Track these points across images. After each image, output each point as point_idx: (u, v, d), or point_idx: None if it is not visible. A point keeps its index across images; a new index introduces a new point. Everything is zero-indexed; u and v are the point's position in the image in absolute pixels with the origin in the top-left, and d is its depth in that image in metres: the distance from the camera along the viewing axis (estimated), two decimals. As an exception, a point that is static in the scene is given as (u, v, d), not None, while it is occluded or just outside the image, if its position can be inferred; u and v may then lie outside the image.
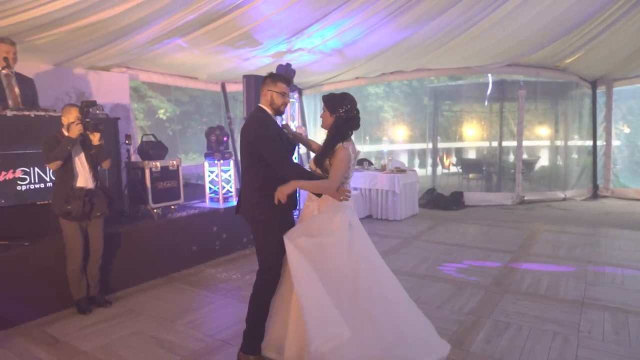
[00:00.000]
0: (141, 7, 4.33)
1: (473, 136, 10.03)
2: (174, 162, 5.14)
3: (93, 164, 3.90)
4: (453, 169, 10.55)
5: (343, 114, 2.79)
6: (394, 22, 6.32)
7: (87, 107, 3.78)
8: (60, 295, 3.89)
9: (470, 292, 4.33)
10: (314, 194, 2.88)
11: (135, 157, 5.08)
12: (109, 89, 6.53)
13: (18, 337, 3.46)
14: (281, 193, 2.70)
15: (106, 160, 3.99)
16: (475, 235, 6.65)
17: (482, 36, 6.96)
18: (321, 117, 2.95)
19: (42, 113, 4.12)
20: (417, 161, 10.49)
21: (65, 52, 5.27)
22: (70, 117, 3.73)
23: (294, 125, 7.24)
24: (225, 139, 5.93)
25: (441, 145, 10.54)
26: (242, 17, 5.52)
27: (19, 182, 3.96)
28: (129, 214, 4.88)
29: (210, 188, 5.99)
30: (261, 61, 7.20)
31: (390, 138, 11.74)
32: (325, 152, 2.80)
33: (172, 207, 5.17)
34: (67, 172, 3.74)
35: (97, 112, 4.65)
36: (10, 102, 4.31)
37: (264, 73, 7.05)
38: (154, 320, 3.74)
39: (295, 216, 3.23)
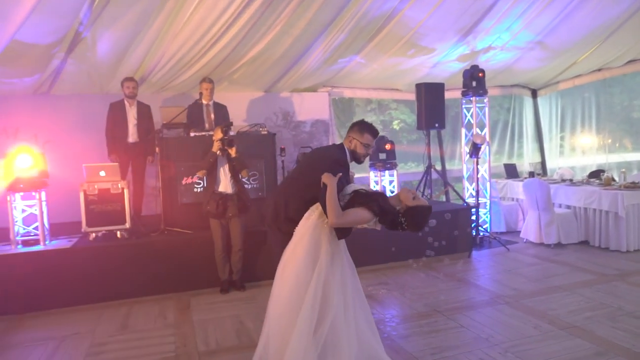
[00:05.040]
0: (283, 35, 5.03)
1: None
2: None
3: (234, 173, 4.79)
4: None
5: None
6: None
7: (226, 127, 4.69)
8: (214, 275, 4.95)
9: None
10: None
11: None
12: (310, 108, 7.56)
13: (172, 300, 4.67)
14: (326, 178, 2.69)
15: (244, 170, 4.81)
16: None
17: None
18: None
19: (212, 133, 5.31)
20: None
21: (259, 80, 6.50)
22: (216, 135, 4.72)
23: (478, 131, 6.54)
24: (389, 147, 5.99)
25: None
26: (398, 27, 5.52)
27: (195, 185, 5.26)
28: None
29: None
30: (450, 66, 6.84)
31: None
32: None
33: (322, 213, 5.64)
34: (212, 179, 4.74)
35: (260, 130, 5.59)
36: (206, 125, 5.75)
37: (454, 78, 6.79)
38: (255, 309, 4.33)
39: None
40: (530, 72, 7.45)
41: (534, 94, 8.95)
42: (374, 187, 6.12)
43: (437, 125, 6.22)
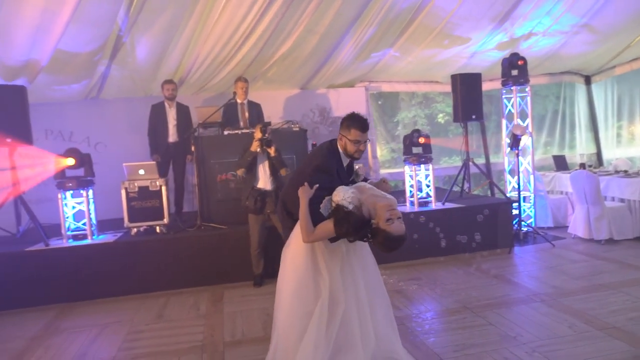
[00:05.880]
0: (309, 33, 5.07)
1: None
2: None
3: (273, 171, 4.88)
4: None
5: None
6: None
7: (264, 126, 4.77)
8: (248, 269, 5.07)
9: (652, 364, 2.92)
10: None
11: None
12: (347, 103, 7.52)
13: (207, 292, 4.84)
14: (301, 192, 2.63)
15: (283, 168, 4.87)
16: None
17: None
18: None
19: (247, 131, 5.46)
20: None
21: (293, 78, 6.59)
22: (255, 134, 4.82)
23: (520, 122, 6.23)
24: (423, 141, 5.86)
25: None
26: (429, 18, 5.41)
27: (230, 182, 5.43)
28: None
29: (411, 192, 6.06)
30: (489, 55, 6.58)
31: None
32: None
33: (355, 208, 5.63)
34: (251, 176, 4.85)
35: (292, 126, 5.66)
36: (241, 124, 5.91)
37: (497, 68, 6.53)
38: (284, 302, 4.41)
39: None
40: (580, 57, 7.01)
41: (587, 80, 8.41)
42: (409, 182, 6.01)
43: (474, 117, 6.01)
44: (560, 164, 7.46)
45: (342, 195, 2.54)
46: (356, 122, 2.72)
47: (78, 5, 3.66)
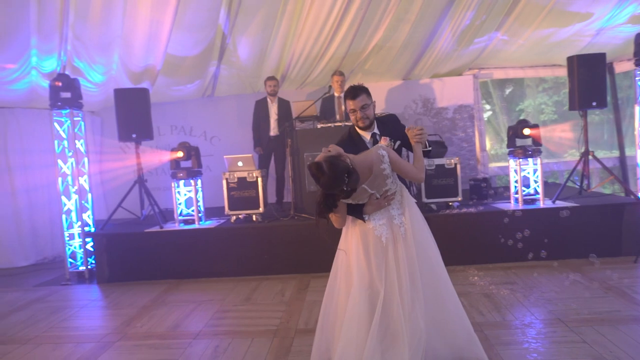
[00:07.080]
0: (400, 22, 4.92)
1: None
2: (452, 161, 5.31)
3: None
4: None
5: None
6: None
7: None
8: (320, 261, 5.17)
9: None
10: None
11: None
12: (452, 93, 7.17)
13: (295, 280, 5.06)
14: None
15: None
16: None
17: None
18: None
19: (339, 124, 5.53)
20: None
21: (392, 68, 6.45)
22: None
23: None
24: (529, 133, 5.32)
25: None
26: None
27: (321, 174, 5.56)
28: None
29: (515, 188, 5.55)
30: (620, 31, 5.66)
31: None
32: None
33: (450, 203, 5.36)
34: None
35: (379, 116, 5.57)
36: (337, 117, 6.01)
37: (625, 44, 5.69)
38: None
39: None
40: None
41: None
42: (513, 177, 5.51)
43: (594, 104, 5.25)
44: None
45: None
46: (346, 92, 2.80)
47: (176, 12, 4.09)
